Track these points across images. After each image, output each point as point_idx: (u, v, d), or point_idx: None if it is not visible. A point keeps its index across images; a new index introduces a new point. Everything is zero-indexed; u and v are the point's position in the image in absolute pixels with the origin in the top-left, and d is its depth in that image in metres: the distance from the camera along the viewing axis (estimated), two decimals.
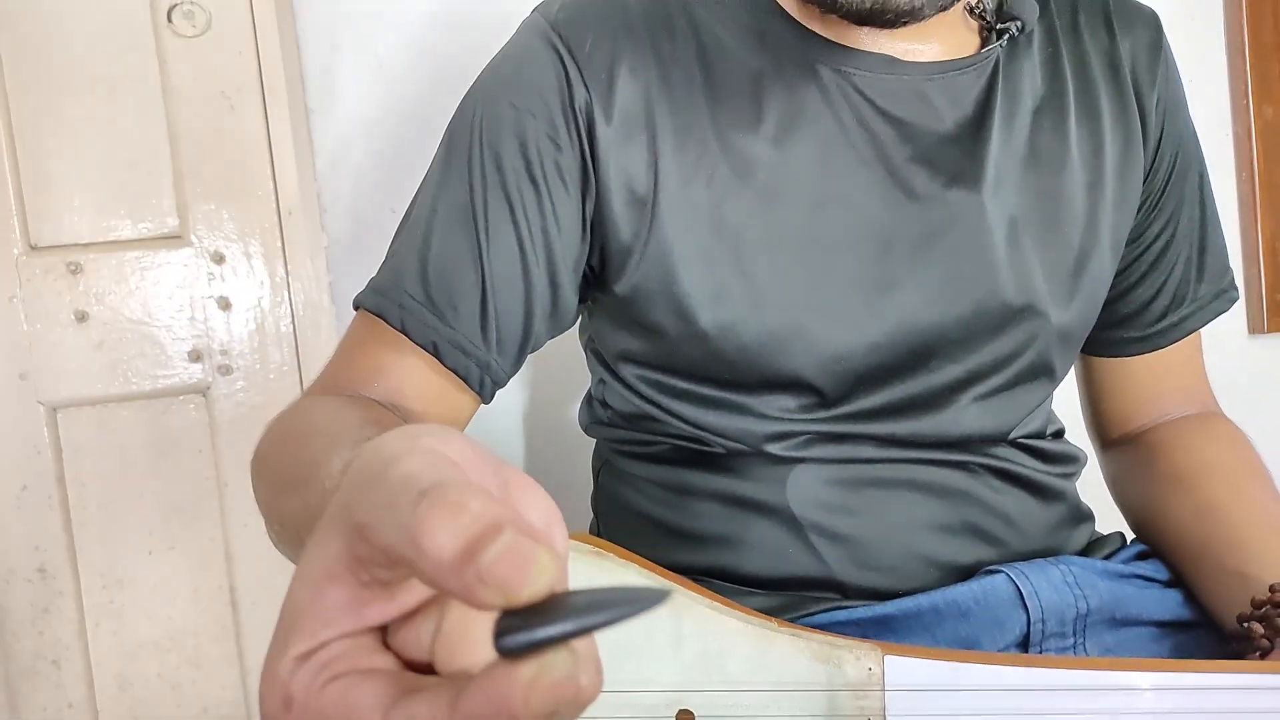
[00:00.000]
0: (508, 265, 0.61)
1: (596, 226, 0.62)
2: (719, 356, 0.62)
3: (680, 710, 0.52)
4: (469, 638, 0.27)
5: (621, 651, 0.52)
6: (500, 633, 0.23)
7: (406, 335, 0.60)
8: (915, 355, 0.63)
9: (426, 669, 0.27)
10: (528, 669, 0.23)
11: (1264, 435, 0.74)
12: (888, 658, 0.51)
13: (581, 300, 0.68)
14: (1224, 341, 1.40)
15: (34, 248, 1.06)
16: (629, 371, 0.68)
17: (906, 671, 0.50)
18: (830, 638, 0.53)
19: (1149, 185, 0.71)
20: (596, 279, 0.65)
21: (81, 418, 1.09)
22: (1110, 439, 0.80)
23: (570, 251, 0.62)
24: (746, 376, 0.63)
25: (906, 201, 0.63)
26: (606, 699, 0.51)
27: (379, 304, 0.61)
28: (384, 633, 0.28)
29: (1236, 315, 1.47)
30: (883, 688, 0.51)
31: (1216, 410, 0.78)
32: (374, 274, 0.64)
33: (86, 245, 1.07)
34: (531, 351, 0.66)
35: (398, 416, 0.58)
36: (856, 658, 0.52)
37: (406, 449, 0.27)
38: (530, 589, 0.23)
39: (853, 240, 0.62)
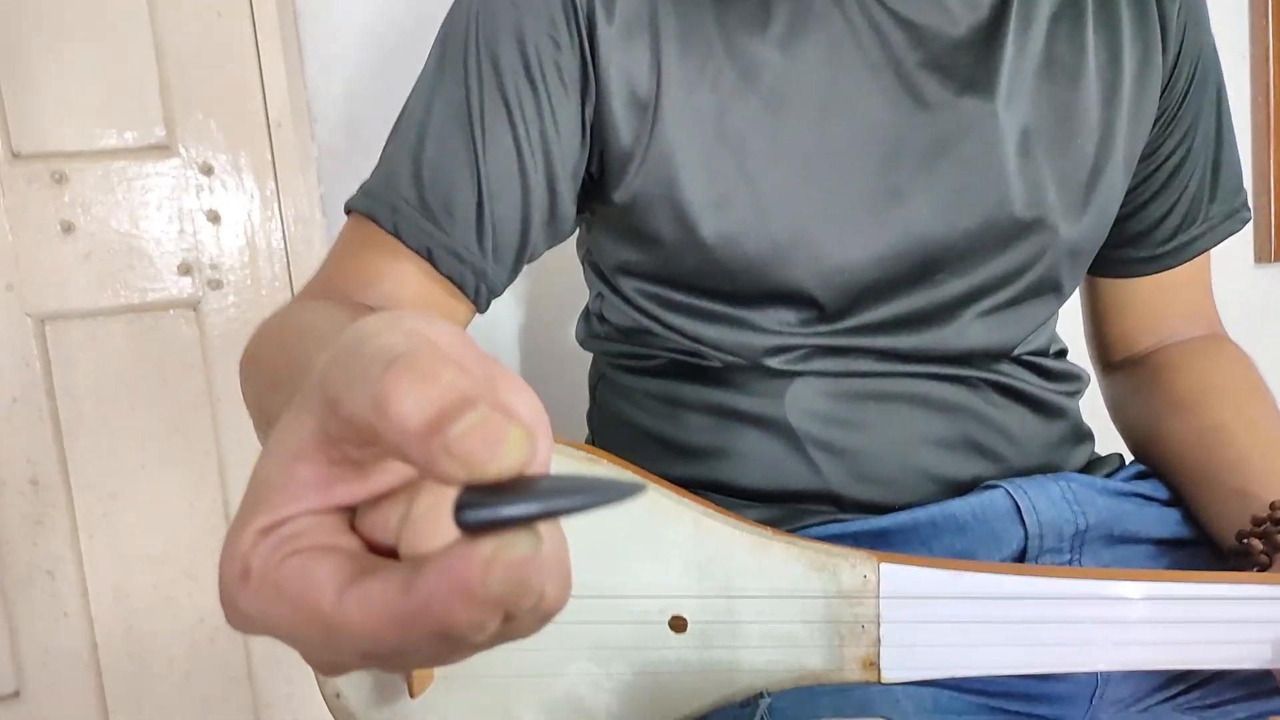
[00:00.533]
0: (504, 169, 0.59)
1: (596, 130, 0.60)
2: (720, 267, 0.61)
3: (673, 616, 0.51)
4: (436, 523, 0.25)
5: (613, 556, 0.51)
6: (461, 507, 0.22)
7: (400, 239, 0.59)
8: (920, 268, 0.62)
9: (392, 555, 0.26)
10: (486, 545, 0.22)
11: (1270, 364, 0.73)
12: (883, 565, 0.51)
13: (580, 211, 0.66)
14: (1230, 270, 1.38)
15: (16, 155, 1.03)
16: (627, 284, 0.66)
17: (902, 579, 0.50)
18: (826, 546, 0.52)
19: (1166, 98, 0.68)
20: (596, 187, 0.64)
21: (70, 330, 1.08)
22: (1113, 361, 0.79)
23: (569, 156, 0.60)
24: (747, 288, 0.61)
25: (916, 109, 0.61)
26: (598, 605, 0.51)
27: (371, 207, 0.59)
28: (352, 515, 0.27)
29: (1244, 244, 1.45)
30: (878, 594, 0.50)
31: (1222, 333, 0.77)
32: (366, 179, 0.62)
33: (71, 154, 1.05)
34: (529, 261, 0.64)
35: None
36: (852, 565, 0.51)
37: (387, 326, 0.26)
38: (498, 466, 0.22)
39: (859, 149, 0.60)
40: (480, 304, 0.62)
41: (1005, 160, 0.61)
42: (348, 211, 0.62)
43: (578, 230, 0.72)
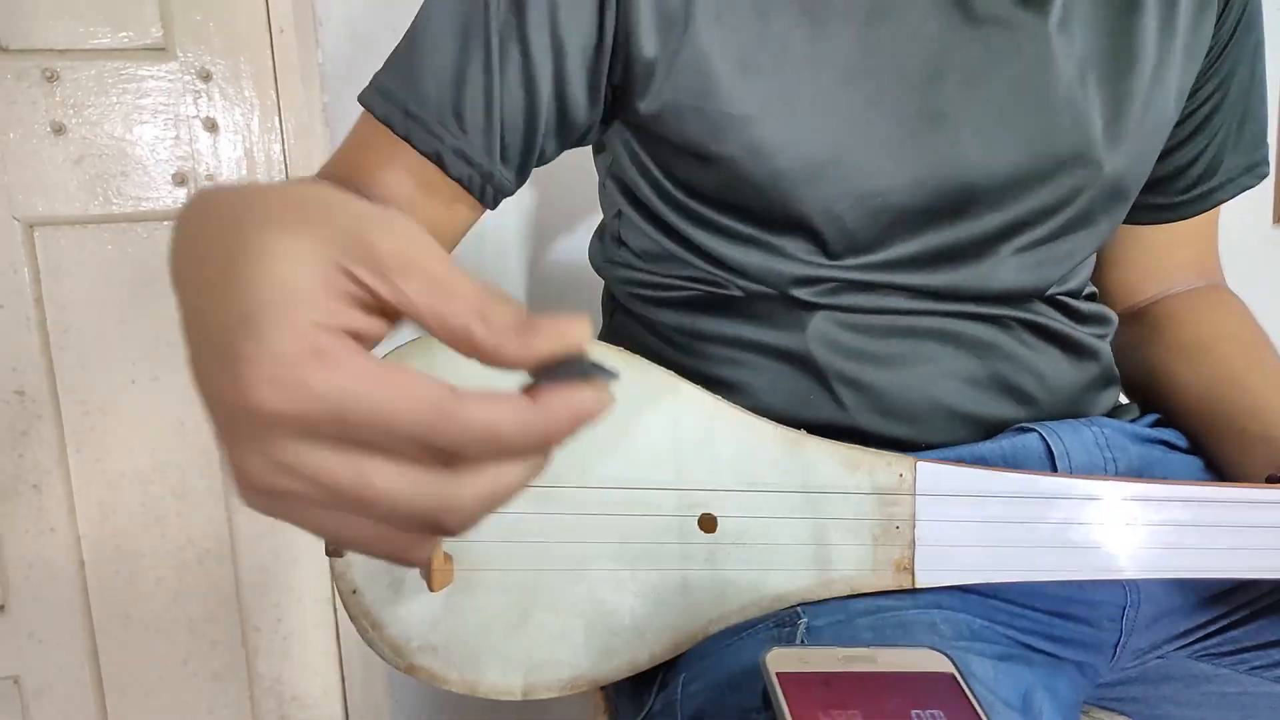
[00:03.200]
0: (513, 76, 0.58)
1: (620, 38, 0.58)
2: (750, 184, 0.58)
3: (702, 514, 0.50)
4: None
5: (641, 449, 0.49)
6: (543, 371, 0.30)
7: (410, 144, 0.58)
8: (958, 198, 0.60)
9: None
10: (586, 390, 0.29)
11: None
12: (920, 464, 0.49)
13: (607, 121, 0.64)
14: (1250, 231, 1.37)
15: (5, 50, 0.99)
16: (653, 200, 0.64)
17: (938, 477, 0.48)
18: (860, 448, 0.51)
19: (1215, 38, 0.66)
20: (621, 97, 0.61)
21: (60, 237, 1.04)
22: (1115, 311, 0.77)
23: (582, 65, 0.59)
24: (776, 209, 0.59)
25: (965, 25, 0.58)
26: (623, 497, 0.49)
27: (386, 111, 0.59)
28: None
29: (1264, 205, 1.43)
30: (914, 492, 0.49)
31: (1223, 284, 0.76)
32: (379, 70, 0.60)
33: (63, 51, 1.00)
34: (540, 164, 0.63)
35: None
36: (888, 464, 0.49)
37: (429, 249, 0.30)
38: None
39: (903, 64, 0.58)
40: (489, 204, 0.62)
41: (1055, 85, 0.59)
42: (361, 103, 0.60)
43: (603, 145, 0.69)
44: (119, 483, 1.10)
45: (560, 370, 0.29)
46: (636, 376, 0.50)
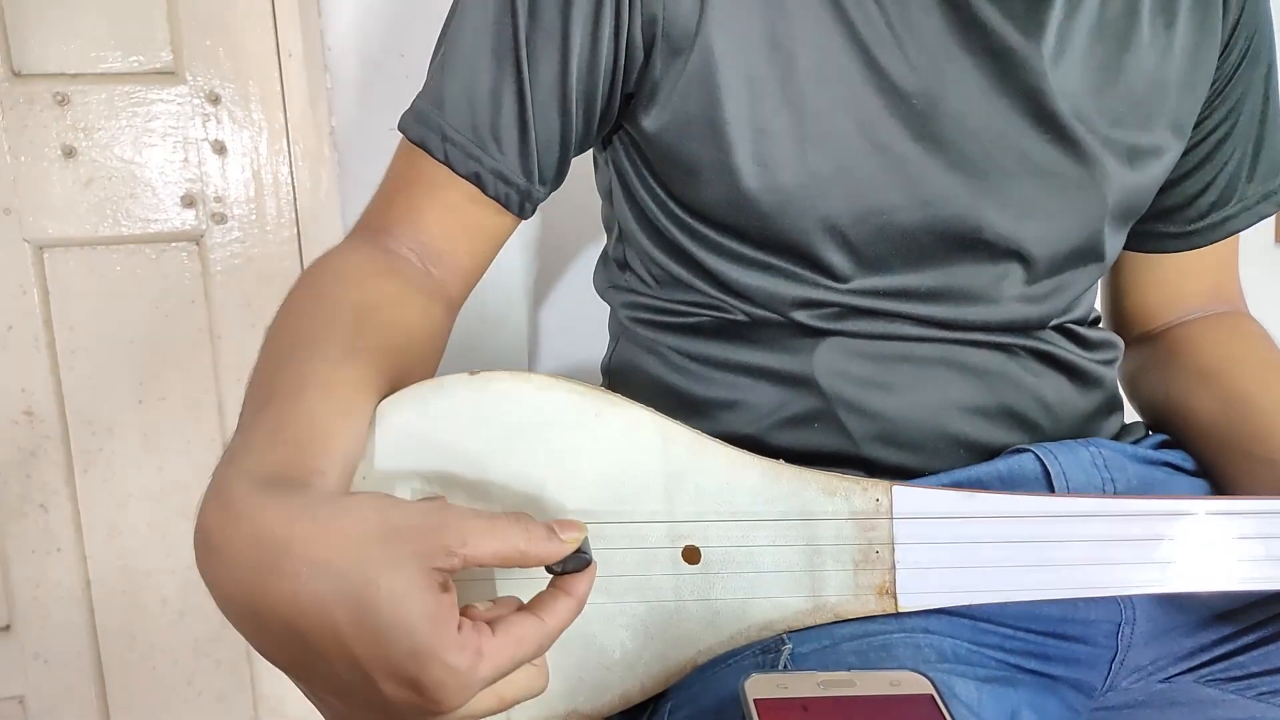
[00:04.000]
0: (547, 96, 0.59)
1: (634, 47, 0.58)
2: (752, 200, 0.58)
3: (686, 546, 0.49)
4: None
5: (625, 485, 0.49)
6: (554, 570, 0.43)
7: (450, 167, 0.59)
8: (962, 222, 0.59)
9: None
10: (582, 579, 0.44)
11: None
12: (895, 488, 0.48)
13: (609, 139, 0.65)
14: (1251, 251, 1.35)
15: (17, 74, 1.01)
16: (657, 216, 0.64)
17: (915, 501, 0.47)
18: (838, 474, 0.50)
19: (1219, 70, 0.66)
20: (630, 108, 0.61)
21: (69, 259, 1.06)
22: (1131, 337, 0.76)
23: (606, 79, 0.60)
24: (778, 228, 0.59)
25: (964, 53, 0.58)
26: (610, 531, 0.49)
27: (423, 136, 0.60)
28: None
29: (1265, 224, 1.42)
30: (891, 516, 0.48)
31: (1243, 309, 0.75)
32: (416, 96, 0.63)
33: (74, 76, 1.02)
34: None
35: (421, 270, 0.59)
36: (864, 489, 0.49)
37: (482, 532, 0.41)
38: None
39: (907, 86, 0.57)
40: (525, 216, 0.63)
41: (1053, 117, 0.59)
42: (399, 130, 0.62)
43: (605, 166, 0.70)
44: (126, 503, 1.11)
45: (570, 560, 0.43)
46: (618, 413, 0.49)
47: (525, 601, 0.43)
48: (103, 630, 1.12)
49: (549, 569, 0.43)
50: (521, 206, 0.62)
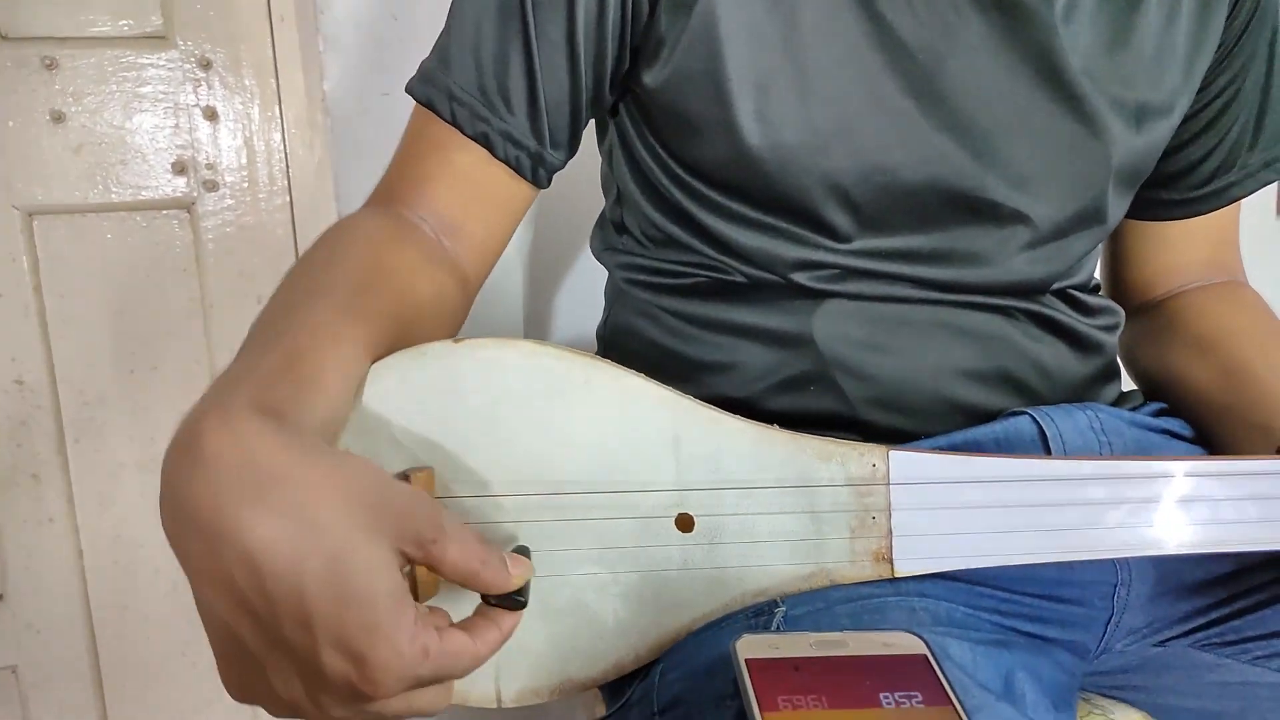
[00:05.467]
0: (556, 58, 0.58)
1: (640, 3, 0.57)
2: (754, 157, 0.57)
3: (679, 514, 0.49)
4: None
5: (617, 453, 0.48)
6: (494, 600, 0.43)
7: (457, 127, 0.58)
8: (964, 181, 0.58)
9: None
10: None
11: None
12: (892, 453, 0.48)
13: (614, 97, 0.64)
14: (1251, 223, 1.34)
15: (5, 37, 0.99)
16: (658, 176, 0.63)
17: (911, 465, 0.47)
18: (833, 439, 0.49)
19: (1226, 33, 0.65)
20: (634, 64, 0.60)
21: (59, 226, 1.04)
22: (1129, 306, 0.76)
23: (615, 39, 0.59)
24: (780, 186, 0.58)
25: (971, 7, 0.57)
26: (602, 500, 0.48)
27: (430, 95, 0.59)
28: None
29: (1266, 196, 1.41)
30: (888, 481, 0.47)
31: (1242, 279, 0.75)
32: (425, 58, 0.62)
33: (63, 40, 1.01)
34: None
35: (434, 241, 0.58)
36: (860, 454, 0.48)
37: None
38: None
39: (911, 40, 0.57)
40: (541, 184, 0.62)
41: (1061, 75, 0.58)
42: (407, 92, 0.61)
43: (605, 125, 0.69)
44: (118, 473, 1.10)
45: (506, 598, 0.43)
46: (608, 379, 0.49)
47: (454, 621, 0.42)
48: (95, 601, 1.12)
49: (485, 598, 0.43)
50: (535, 172, 0.60)
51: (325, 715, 0.39)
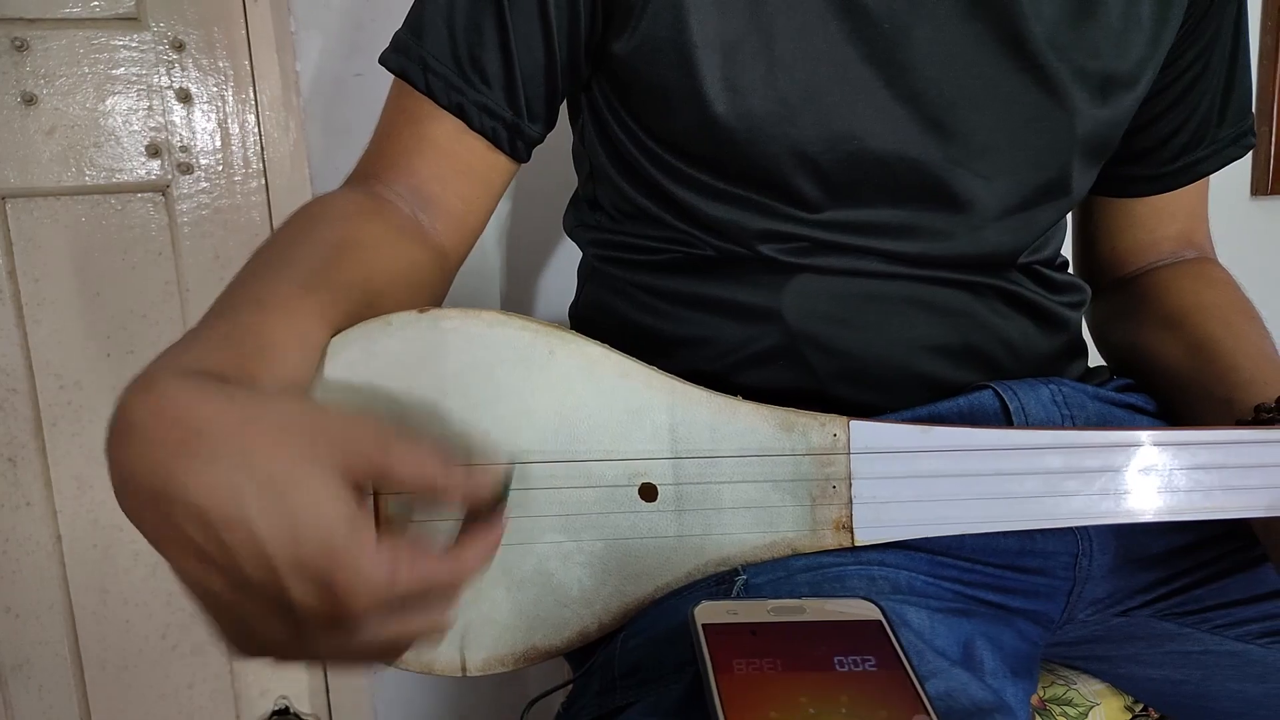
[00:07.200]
0: (530, 27, 0.58)
1: None
2: (721, 126, 0.57)
3: (642, 483, 0.49)
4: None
5: (580, 423, 0.49)
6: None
7: (432, 98, 0.58)
8: (931, 151, 0.59)
9: None
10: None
11: (1264, 299, 0.71)
12: (853, 423, 0.48)
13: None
14: (1226, 203, 1.35)
15: None
16: (628, 148, 0.63)
17: (872, 435, 0.47)
18: (795, 410, 0.50)
19: (1192, 7, 0.65)
20: (603, 33, 0.60)
21: (33, 209, 1.04)
22: (1100, 284, 0.76)
23: (588, 6, 0.59)
24: (748, 154, 0.58)
25: None
26: (566, 470, 0.49)
27: (403, 65, 0.59)
28: None
29: (1241, 176, 1.42)
30: (848, 450, 0.48)
31: (1212, 256, 0.75)
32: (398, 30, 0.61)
33: (33, 20, 1.00)
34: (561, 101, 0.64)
35: (409, 216, 0.58)
36: (821, 424, 0.49)
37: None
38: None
39: (877, 8, 0.57)
40: (520, 157, 0.62)
41: (1025, 44, 0.58)
42: (380, 64, 0.61)
43: (578, 100, 0.69)
44: (95, 456, 1.10)
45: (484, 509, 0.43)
46: (571, 350, 0.49)
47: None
48: (74, 584, 1.12)
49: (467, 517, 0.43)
50: (513, 144, 0.60)
51: (318, 649, 0.39)
